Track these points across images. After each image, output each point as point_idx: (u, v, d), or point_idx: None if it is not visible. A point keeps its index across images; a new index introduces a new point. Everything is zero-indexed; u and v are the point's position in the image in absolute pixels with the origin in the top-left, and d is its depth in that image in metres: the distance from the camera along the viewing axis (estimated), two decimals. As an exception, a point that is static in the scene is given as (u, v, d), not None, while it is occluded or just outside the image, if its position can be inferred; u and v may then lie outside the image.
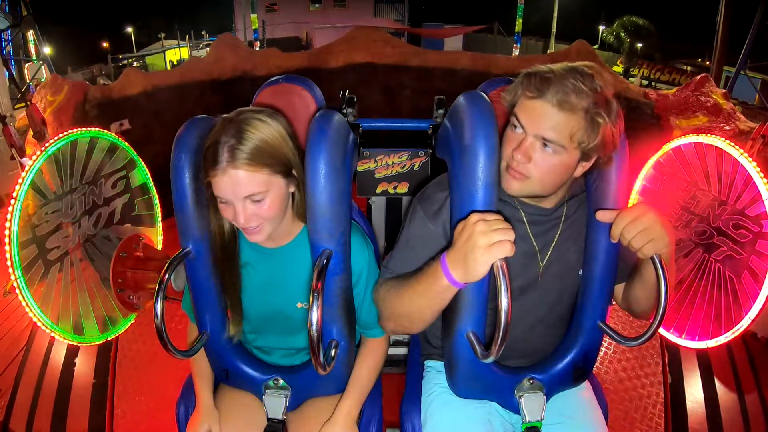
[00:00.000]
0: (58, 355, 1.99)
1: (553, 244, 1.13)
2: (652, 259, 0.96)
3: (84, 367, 1.97)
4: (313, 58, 4.79)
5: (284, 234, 1.15)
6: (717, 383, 1.78)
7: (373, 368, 1.23)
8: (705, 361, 1.93)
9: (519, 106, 1.01)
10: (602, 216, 1.03)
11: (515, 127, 1.01)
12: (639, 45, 16.78)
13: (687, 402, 1.70)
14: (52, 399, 1.77)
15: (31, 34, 8.57)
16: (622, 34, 16.99)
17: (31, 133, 2.64)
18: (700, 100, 3.22)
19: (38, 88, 3.77)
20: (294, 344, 1.23)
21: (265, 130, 1.00)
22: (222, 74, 4.49)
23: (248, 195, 0.98)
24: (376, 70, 4.73)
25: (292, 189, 1.08)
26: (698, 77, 3.37)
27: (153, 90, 4.09)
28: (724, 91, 3.31)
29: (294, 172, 1.06)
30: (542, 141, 0.98)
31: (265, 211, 1.01)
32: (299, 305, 1.16)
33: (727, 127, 2.95)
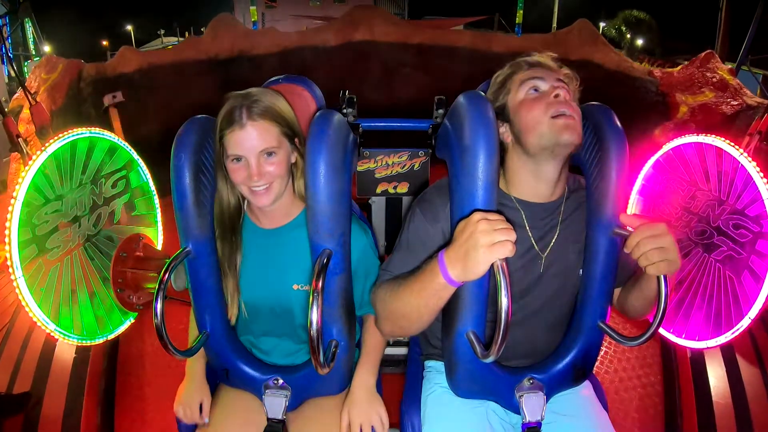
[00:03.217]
0: (40, 335, 1.96)
1: (553, 245, 1.14)
2: (659, 278, 0.96)
3: (65, 346, 1.94)
4: (313, 37, 4.73)
5: (284, 212, 1.18)
6: (738, 358, 1.75)
7: (380, 341, 1.25)
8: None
9: (524, 79, 1.10)
10: (627, 219, 1.03)
11: (535, 89, 1.09)
12: (639, 42, 16.78)
13: (709, 377, 1.69)
14: (30, 376, 1.75)
15: (30, 32, 8.55)
16: (623, 28, 17.01)
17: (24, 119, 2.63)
18: (706, 75, 3.18)
19: (33, 67, 3.75)
20: (290, 330, 1.24)
21: (274, 98, 1.11)
22: (219, 53, 4.43)
23: (264, 149, 1.07)
24: (375, 47, 4.68)
25: (293, 159, 1.15)
26: (703, 54, 3.32)
27: (149, 68, 4.06)
28: (729, 66, 3.26)
29: (296, 141, 1.14)
30: (562, 81, 1.09)
31: (276, 169, 1.09)
32: (295, 287, 1.17)
33: (734, 102, 2.90)
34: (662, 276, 0.95)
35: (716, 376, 1.68)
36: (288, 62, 4.50)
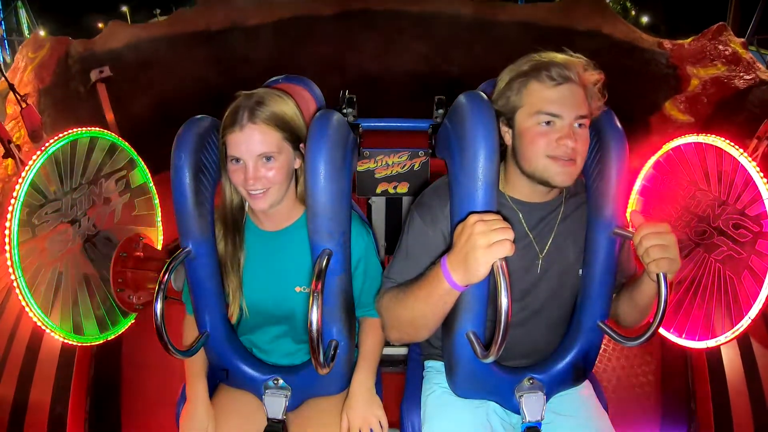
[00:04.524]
0: (29, 321, 1.93)
1: (551, 244, 1.14)
2: (658, 275, 0.96)
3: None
4: (310, 6, 4.50)
5: (285, 216, 1.18)
6: (752, 341, 1.73)
7: (378, 343, 1.25)
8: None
9: (542, 98, 1.02)
10: (635, 218, 1.03)
11: (548, 122, 1.02)
12: (645, 19, 16.58)
13: (724, 362, 1.69)
14: (19, 365, 1.73)
15: (24, 17, 8.48)
16: (628, 4, 16.85)
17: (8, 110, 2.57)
18: (718, 48, 3.08)
19: (20, 47, 3.67)
20: (290, 331, 1.23)
21: (281, 102, 1.09)
22: (212, 24, 4.21)
23: (261, 153, 1.06)
24: (374, 16, 4.46)
25: (297, 164, 1.14)
26: (715, 26, 3.21)
27: (138, 42, 3.90)
28: (742, 40, 3.16)
29: (302, 146, 1.12)
30: (578, 121, 1.01)
31: (273, 175, 1.07)
32: (297, 289, 1.17)
33: (748, 77, 2.83)
34: (662, 275, 0.95)
35: (731, 365, 1.67)
36: (283, 32, 4.31)
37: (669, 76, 3.36)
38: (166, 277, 1.03)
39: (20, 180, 1.33)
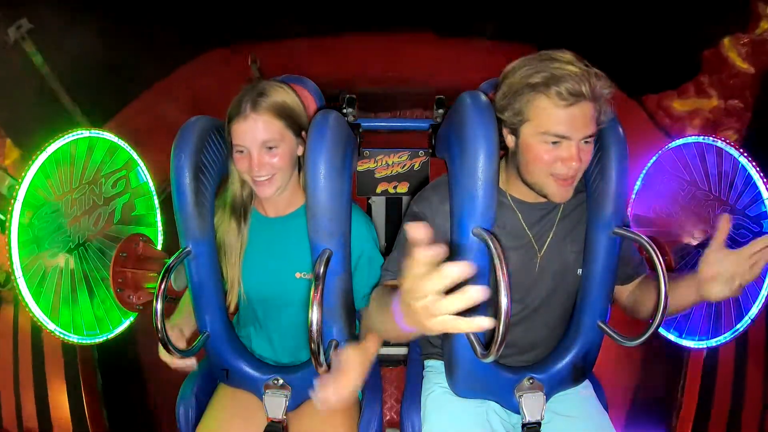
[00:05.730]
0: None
1: (549, 243, 1.14)
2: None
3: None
4: None
5: (287, 202, 1.20)
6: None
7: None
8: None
9: (550, 118, 0.96)
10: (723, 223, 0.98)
11: (555, 141, 0.98)
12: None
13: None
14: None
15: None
16: None
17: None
18: None
19: None
20: (288, 321, 1.24)
21: (282, 92, 1.12)
22: None
23: (264, 141, 1.08)
24: None
25: (300, 151, 1.16)
26: None
27: None
28: None
29: (303, 134, 1.14)
30: (585, 139, 0.98)
31: (277, 162, 1.10)
32: (297, 275, 1.18)
33: None
34: (662, 276, 0.95)
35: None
36: None
37: (733, 6, 2.63)
38: (167, 277, 1.03)
39: (21, 180, 1.34)
